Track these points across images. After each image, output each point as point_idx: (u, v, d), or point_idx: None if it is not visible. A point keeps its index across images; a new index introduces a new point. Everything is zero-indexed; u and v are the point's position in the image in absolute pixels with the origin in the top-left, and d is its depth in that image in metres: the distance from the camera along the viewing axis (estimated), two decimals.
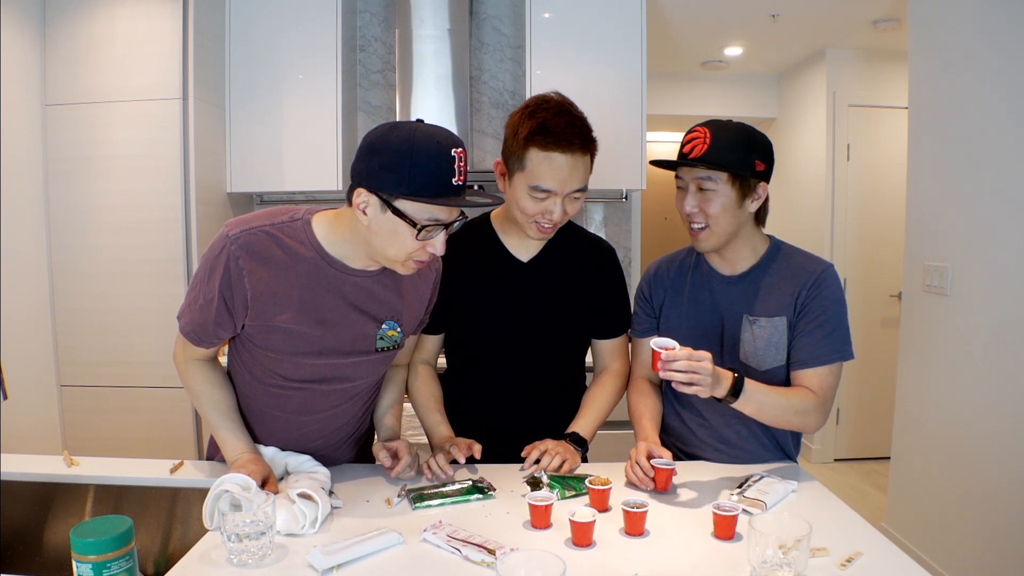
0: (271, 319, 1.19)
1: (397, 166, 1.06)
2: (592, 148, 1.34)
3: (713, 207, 1.31)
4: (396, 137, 1.08)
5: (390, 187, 1.07)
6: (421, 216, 1.09)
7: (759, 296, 1.38)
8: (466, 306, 1.47)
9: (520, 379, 1.48)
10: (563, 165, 1.29)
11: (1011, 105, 2.19)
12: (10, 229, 2.40)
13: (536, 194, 1.32)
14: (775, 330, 1.36)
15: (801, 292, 1.34)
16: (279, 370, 1.25)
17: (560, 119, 1.28)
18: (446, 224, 1.13)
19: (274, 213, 1.21)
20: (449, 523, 1.12)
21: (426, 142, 1.07)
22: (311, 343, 1.22)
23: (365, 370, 1.32)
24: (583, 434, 1.43)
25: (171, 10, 2.54)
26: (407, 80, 2.94)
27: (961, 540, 2.39)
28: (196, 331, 1.22)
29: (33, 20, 2.52)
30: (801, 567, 0.94)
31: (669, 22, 3.47)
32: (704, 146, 1.29)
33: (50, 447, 2.55)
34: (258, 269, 1.16)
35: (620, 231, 3.32)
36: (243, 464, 1.21)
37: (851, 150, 3.95)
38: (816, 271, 1.35)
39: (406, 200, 1.08)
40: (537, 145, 1.28)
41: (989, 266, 2.28)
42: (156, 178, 2.57)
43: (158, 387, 2.59)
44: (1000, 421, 2.22)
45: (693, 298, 1.46)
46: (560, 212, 1.33)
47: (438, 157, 1.06)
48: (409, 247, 1.12)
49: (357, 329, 1.25)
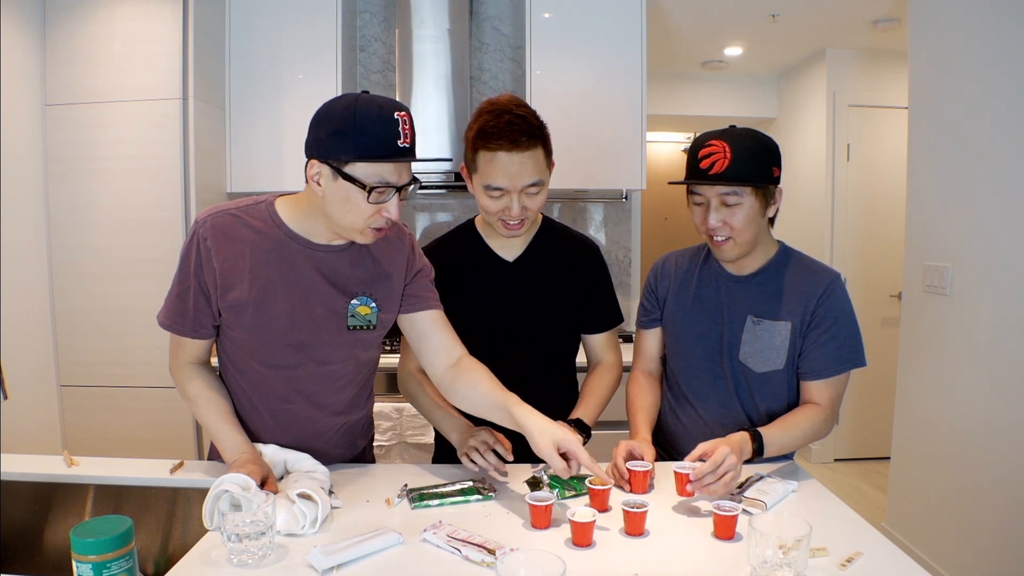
0: (240, 296, 1.22)
1: (343, 132, 1.10)
2: (540, 143, 1.36)
3: (738, 220, 1.31)
4: (340, 105, 1.13)
5: (339, 153, 1.11)
6: (370, 178, 1.12)
7: (766, 299, 1.39)
8: (455, 308, 1.48)
9: (511, 377, 1.48)
10: (509, 163, 1.33)
11: (1011, 105, 2.19)
12: (10, 229, 2.40)
13: (491, 192, 1.36)
14: (778, 334, 1.37)
15: (810, 303, 1.35)
16: (256, 355, 1.27)
17: (500, 119, 1.32)
18: (398, 187, 1.16)
19: (240, 200, 1.28)
20: (449, 523, 1.12)
21: (368, 106, 1.11)
22: (281, 320, 1.24)
23: (339, 352, 1.31)
24: (586, 420, 1.45)
25: (171, 10, 2.54)
26: (407, 80, 2.94)
27: (961, 540, 2.39)
28: (176, 320, 1.25)
29: (33, 20, 2.52)
30: (801, 567, 0.94)
31: (669, 22, 3.47)
32: (725, 161, 1.28)
33: (50, 447, 2.55)
34: (224, 247, 1.21)
35: (620, 231, 3.32)
36: (242, 464, 1.21)
37: (851, 150, 3.95)
38: (825, 281, 1.36)
39: (355, 164, 1.12)
40: (481, 147, 1.34)
41: (989, 266, 2.28)
42: (156, 178, 2.57)
43: (158, 387, 2.59)
44: (1000, 421, 2.22)
45: (698, 294, 1.47)
46: (518, 208, 1.36)
47: (381, 119, 1.11)
48: (364, 212, 1.15)
49: (326, 304, 1.26)
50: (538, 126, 1.36)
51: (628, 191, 3.20)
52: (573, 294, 1.53)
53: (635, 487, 1.28)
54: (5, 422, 2.25)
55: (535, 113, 1.38)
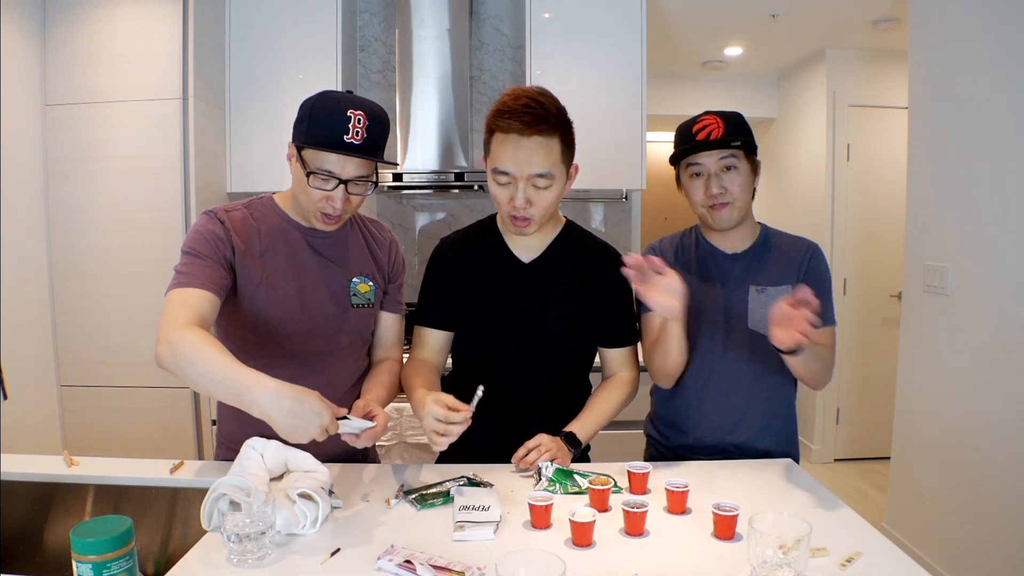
0: (254, 278, 1.29)
1: (302, 119, 1.25)
2: (556, 132, 1.30)
3: (737, 185, 1.42)
4: (311, 98, 1.27)
5: (298, 137, 1.26)
6: (313, 163, 1.24)
7: (763, 269, 1.48)
8: (468, 304, 1.47)
9: (523, 380, 1.47)
10: (519, 146, 1.28)
11: (1011, 105, 2.19)
12: (10, 229, 2.40)
13: (499, 178, 1.33)
14: (782, 297, 1.39)
15: (802, 265, 1.47)
16: (271, 335, 1.31)
17: (518, 102, 1.28)
18: (341, 180, 1.25)
19: (236, 202, 1.37)
20: (404, 546, 1.04)
21: (328, 101, 1.24)
22: (291, 303, 1.32)
23: (343, 326, 1.39)
24: (579, 435, 1.42)
25: (171, 10, 2.54)
26: (407, 80, 2.94)
27: (961, 540, 2.39)
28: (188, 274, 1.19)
29: (33, 20, 2.52)
30: (801, 567, 0.94)
31: (669, 22, 3.47)
32: (720, 130, 1.39)
33: (50, 447, 2.55)
34: (240, 231, 1.30)
35: (620, 231, 3.32)
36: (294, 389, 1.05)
37: (851, 150, 3.95)
38: (811, 247, 1.50)
39: (306, 149, 1.25)
40: (496, 127, 1.32)
41: (989, 266, 2.28)
42: (156, 178, 2.57)
43: (158, 387, 2.59)
44: (1000, 421, 2.22)
45: (698, 272, 1.52)
46: (522, 199, 1.31)
47: (334, 113, 1.22)
48: (312, 196, 1.27)
49: (332, 280, 1.37)
50: (557, 115, 1.30)
51: (628, 191, 3.20)
52: (590, 302, 1.47)
53: (635, 487, 1.28)
54: (5, 422, 2.25)
55: (559, 105, 1.32)
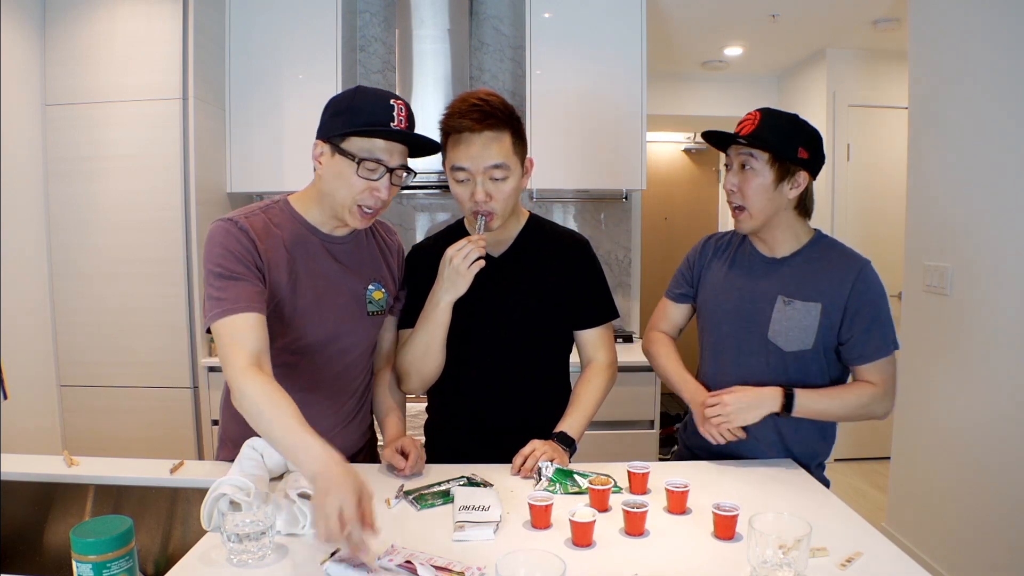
0: (279, 284, 1.27)
1: (343, 111, 1.23)
2: (505, 127, 1.35)
3: (750, 187, 1.38)
4: (344, 92, 1.27)
5: (337, 129, 1.22)
6: (361, 152, 1.21)
7: (797, 280, 1.43)
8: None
9: (501, 375, 1.49)
10: (471, 142, 1.33)
11: (1011, 105, 2.19)
12: (10, 229, 2.40)
13: (457, 175, 1.37)
14: (808, 314, 1.39)
15: (844, 287, 1.38)
16: (291, 343, 1.30)
17: (465, 103, 1.35)
18: (389, 168, 1.23)
19: (252, 205, 1.32)
20: (404, 546, 1.03)
21: (367, 92, 1.25)
22: (310, 310, 1.30)
23: (359, 335, 1.39)
24: (571, 433, 1.43)
25: (171, 10, 2.55)
26: (407, 80, 2.94)
27: (961, 540, 2.39)
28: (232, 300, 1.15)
29: (33, 20, 2.52)
30: (801, 567, 0.94)
31: (669, 22, 3.47)
32: (752, 127, 1.37)
33: (50, 447, 2.55)
34: (264, 239, 1.25)
35: (620, 231, 3.32)
36: (337, 474, 0.97)
37: (851, 150, 3.95)
38: (856, 267, 1.39)
39: (350, 139, 1.22)
40: (449, 129, 1.36)
41: (989, 266, 2.28)
42: (156, 178, 2.58)
43: (158, 387, 2.59)
44: (1000, 421, 2.22)
45: (731, 273, 1.51)
46: (482, 193, 1.35)
47: (377, 101, 1.22)
48: (355, 188, 1.23)
49: (350, 288, 1.36)
50: (505, 111, 1.36)
51: (628, 191, 3.20)
52: (561, 289, 1.50)
53: (635, 487, 1.28)
54: (5, 422, 2.25)
55: (507, 103, 1.38)
